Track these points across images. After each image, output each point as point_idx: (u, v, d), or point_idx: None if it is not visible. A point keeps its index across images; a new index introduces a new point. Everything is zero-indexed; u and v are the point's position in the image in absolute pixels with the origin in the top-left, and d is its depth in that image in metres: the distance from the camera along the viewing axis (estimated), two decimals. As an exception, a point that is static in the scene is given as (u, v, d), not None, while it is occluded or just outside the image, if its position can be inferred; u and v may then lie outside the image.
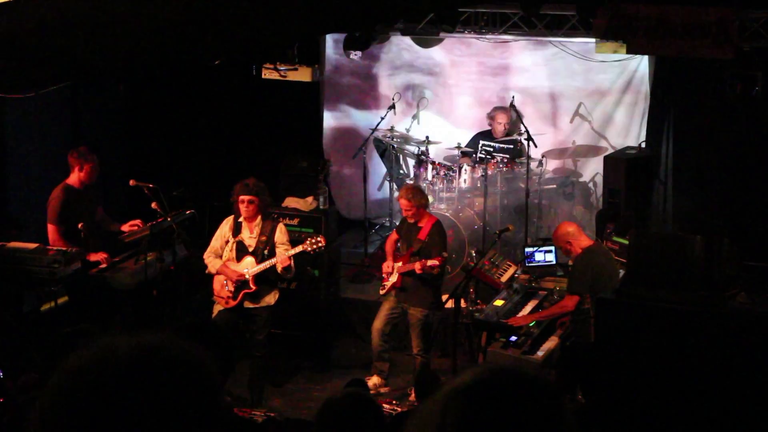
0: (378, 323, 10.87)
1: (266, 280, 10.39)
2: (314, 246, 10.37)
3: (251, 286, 10.25)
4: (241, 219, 10.35)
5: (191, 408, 1.74)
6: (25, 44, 7.28)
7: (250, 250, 10.32)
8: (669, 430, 7.58)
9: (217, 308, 10.47)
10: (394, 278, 10.73)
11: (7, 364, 8.41)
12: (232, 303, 10.30)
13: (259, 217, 10.34)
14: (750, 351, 7.54)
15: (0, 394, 7.27)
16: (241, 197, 10.16)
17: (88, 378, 1.72)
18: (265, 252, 10.30)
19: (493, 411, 1.75)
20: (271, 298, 10.47)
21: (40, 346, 9.61)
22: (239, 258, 10.35)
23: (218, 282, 10.41)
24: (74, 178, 10.63)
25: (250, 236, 10.35)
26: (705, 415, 7.53)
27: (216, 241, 10.48)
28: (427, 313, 10.70)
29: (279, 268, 10.22)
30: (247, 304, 10.37)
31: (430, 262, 10.25)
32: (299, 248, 10.32)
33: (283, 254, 10.22)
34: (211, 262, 10.43)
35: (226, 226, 10.49)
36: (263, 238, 10.32)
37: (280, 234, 10.40)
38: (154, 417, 1.69)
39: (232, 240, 10.39)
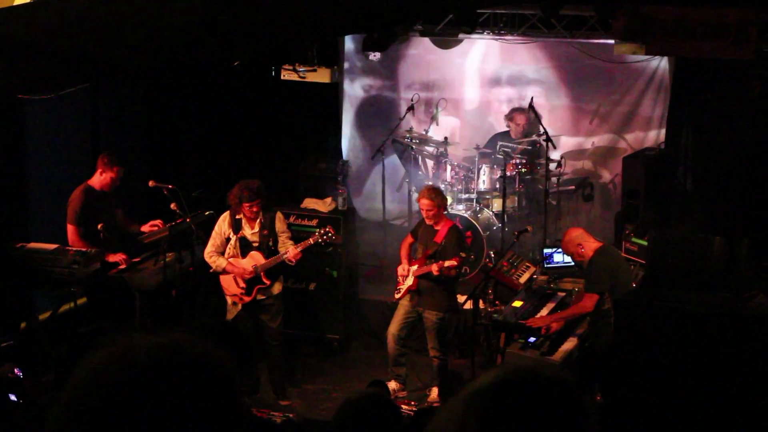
0: (393, 328, 10.86)
1: (272, 271, 10.50)
2: (324, 237, 10.48)
3: (265, 281, 10.37)
4: (239, 216, 10.39)
5: (209, 408, 1.74)
6: (45, 46, 7.31)
7: (255, 246, 10.40)
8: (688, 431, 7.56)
9: (232, 309, 10.59)
10: (410, 281, 10.72)
11: (26, 365, 8.46)
12: (247, 299, 10.44)
13: (260, 213, 10.41)
14: (769, 352, 7.52)
15: (20, 394, 7.31)
16: (248, 204, 10.19)
17: (107, 377, 1.72)
18: (270, 244, 10.40)
19: (514, 412, 1.75)
20: (278, 287, 10.64)
21: (59, 346, 9.67)
22: (244, 254, 10.42)
23: (227, 280, 10.49)
24: (96, 179, 10.66)
25: (252, 232, 10.42)
26: (724, 416, 7.51)
27: (216, 239, 10.52)
28: (443, 316, 10.69)
29: (292, 261, 10.32)
30: (258, 296, 10.52)
31: (447, 263, 10.24)
32: (310, 241, 10.43)
33: (287, 244, 10.36)
34: (215, 261, 10.48)
35: (224, 223, 10.51)
36: (265, 232, 10.41)
37: (280, 223, 10.53)
38: (172, 417, 1.70)
39: (233, 237, 10.44)
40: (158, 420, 1.69)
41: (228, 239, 10.47)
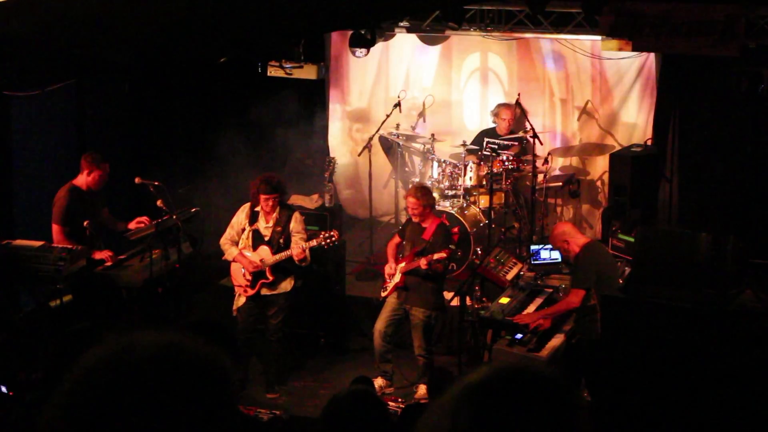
0: (380, 324, 10.86)
1: (282, 268, 10.57)
2: (328, 240, 10.52)
3: (268, 276, 10.46)
4: (257, 208, 10.47)
5: (205, 409, 1.74)
6: (30, 42, 7.28)
7: (266, 239, 10.48)
8: (674, 428, 7.57)
9: (238, 299, 10.69)
10: (397, 278, 10.71)
11: (11, 363, 8.43)
12: (251, 291, 10.55)
13: (277, 208, 10.44)
14: (755, 348, 7.53)
15: (10, 386, 7.28)
16: (264, 196, 10.27)
17: (104, 375, 1.72)
18: (281, 241, 10.46)
19: (506, 407, 1.74)
20: (287, 285, 10.72)
21: (45, 344, 9.63)
22: (255, 246, 10.51)
23: (236, 270, 10.60)
24: (81, 179, 10.64)
25: (266, 226, 10.50)
26: (710, 412, 7.52)
27: (232, 228, 10.67)
28: (429, 313, 10.68)
29: (295, 259, 10.34)
30: (265, 292, 10.62)
31: (436, 256, 10.24)
32: (314, 242, 10.46)
33: (299, 245, 10.34)
34: (228, 249, 10.61)
35: (242, 213, 10.62)
36: (278, 228, 10.46)
37: (296, 223, 10.55)
38: (167, 416, 1.70)
39: (248, 228, 10.55)
40: (153, 419, 1.69)
41: (243, 230, 10.55)
